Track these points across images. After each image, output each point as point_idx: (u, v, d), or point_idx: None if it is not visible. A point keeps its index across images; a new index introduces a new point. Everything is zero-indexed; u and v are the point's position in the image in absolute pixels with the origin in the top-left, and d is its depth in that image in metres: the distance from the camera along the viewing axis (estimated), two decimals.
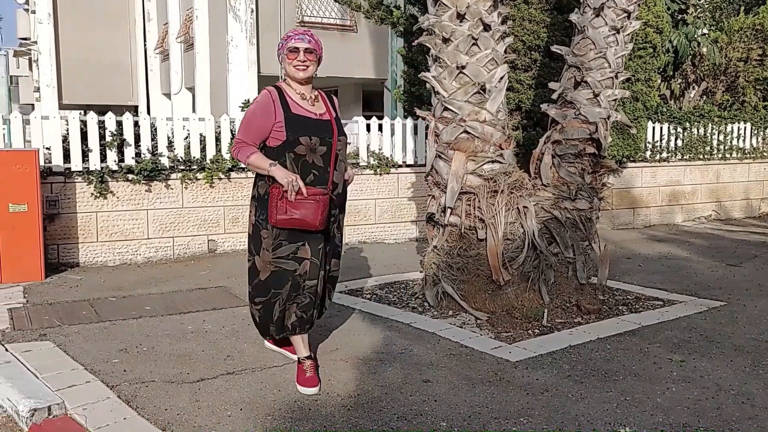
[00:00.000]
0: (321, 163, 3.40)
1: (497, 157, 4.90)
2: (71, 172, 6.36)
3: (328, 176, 3.42)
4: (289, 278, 3.41)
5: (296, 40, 3.41)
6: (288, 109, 3.38)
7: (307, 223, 3.29)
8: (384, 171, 7.88)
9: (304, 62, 3.41)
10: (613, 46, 5.28)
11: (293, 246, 3.38)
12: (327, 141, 3.41)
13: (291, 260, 3.39)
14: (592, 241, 5.32)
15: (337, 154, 3.45)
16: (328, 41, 14.89)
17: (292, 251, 3.39)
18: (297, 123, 3.37)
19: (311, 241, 3.40)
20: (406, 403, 3.32)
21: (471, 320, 4.69)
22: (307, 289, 3.43)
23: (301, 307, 3.45)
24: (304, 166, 3.36)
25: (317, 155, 3.39)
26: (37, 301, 5.16)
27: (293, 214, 3.26)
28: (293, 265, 3.40)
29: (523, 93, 7.89)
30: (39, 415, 3.17)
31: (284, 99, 3.41)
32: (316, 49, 3.44)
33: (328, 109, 3.52)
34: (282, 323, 3.50)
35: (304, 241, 3.38)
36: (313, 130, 3.39)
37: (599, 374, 3.73)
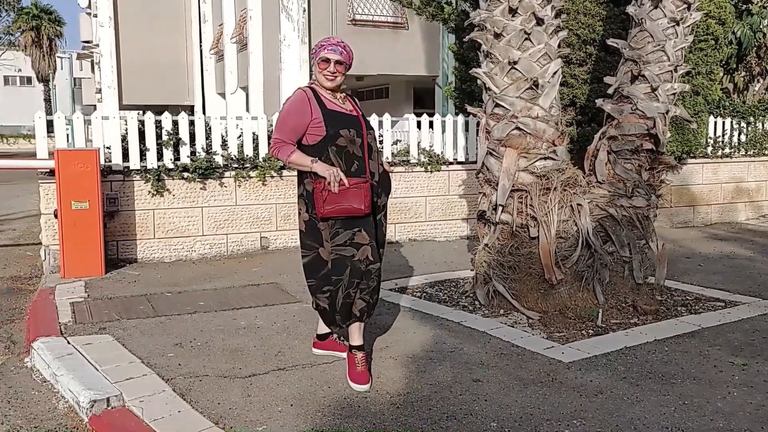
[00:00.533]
0: (360, 154, 3.55)
1: (550, 153, 4.81)
2: (130, 171, 6.54)
3: (365, 165, 3.57)
4: (347, 264, 3.49)
5: (329, 50, 3.55)
6: (324, 106, 3.55)
7: (354, 209, 3.43)
8: (435, 168, 7.84)
9: (333, 73, 3.56)
10: (672, 39, 5.11)
11: (349, 232, 3.49)
12: (360, 134, 3.58)
13: (349, 246, 3.50)
14: (649, 240, 5.17)
15: (370, 145, 3.61)
16: (379, 39, 14.98)
17: (349, 237, 3.49)
18: (334, 118, 3.53)
19: (365, 227, 3.53)
20: (455, 403, 3.29)
21: (522, 320, 4.62)
22: (374, 273, 3.53)
23: (367, 292, 3.53)
24: (347, 157, 3.51)
25: (356, 146, 3.54)
26: (97, 296, 5.32)
27: (340, 203, 3.41)
28: (351, 251, 3.50)
29: (578, 88, 7.73)
30: (98, 407, 3.27)
31: (318, 97, 3.57)
32: (346, 61, 3.59)
33: (355, 108, 3.69)
34: (349, 310, 3.55)
35: (360, 227, 3.50)
36: (349, 123, 3.56)
37: (656, 377, 3.62)
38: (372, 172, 3.61)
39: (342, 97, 3.68)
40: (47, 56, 41.39)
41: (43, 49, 41.20)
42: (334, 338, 3.97)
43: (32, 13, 41.20)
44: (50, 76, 42.61)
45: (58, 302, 5.10)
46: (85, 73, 37.70)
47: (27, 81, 50.43)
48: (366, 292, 3.52)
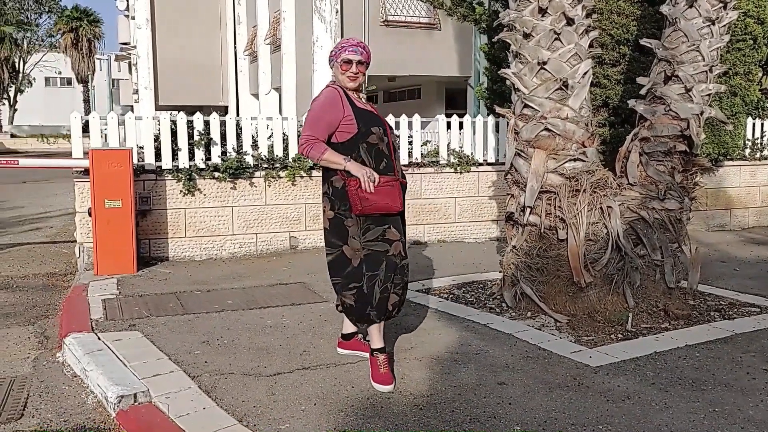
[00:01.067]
0: (387, 152, 3.61)
1: (579, 155, 4.75)
2: (162, 170, 6.64)
3: (393, 163, 3.62)
4: (382, 259, 3.52)
5: (350, 52, 3.59)
6: (354, 104, 3.59)
7: (390, 206, 3.50)
8: (464, 169, 7.80)
9: (356, 74, 3.60)
10: (707, 38, 5.01)
11: (380, 229, 3.53)
12: (386, 133, 3.64)
13: (381, 242, 3.53)
14: (682, 243, 5.06)
15: (394, 145, 3.67)
16: (412, 40, 14.98)
17: (380, 233, 3.53)
18: (364, 116, 3.59)
19: (394, 224, 3.58)
20: (479, 405, 3.27)
21: (550, 323, 4.57)
22: (406, 268, 3.61)
23: (400, 287, 3.59)
24: (377, 155, 3.56)
25: (384, 144, 3.59)
26: (128, 293, 5.42)
27: (376, 201, 3.45)
28: (384, 246, 3.53)
29: (611, 89, 7.61)
30: (126, 402, 3.33)
31: (348, 97, 3.62)
32: (366, 60, 3.64)
33: (374, 108, 3.76)
34: (384, 306, 3.56)
35: (389, 224, 3.55)
36: (377, 122, 3.62)
37: (686, 383, 3.55)
38: (397, 170, 3.66)
39: (364, 97, 3.74)
40: (86, 58, 42.32)
41: (83, 51, 42.14)
42: (359, 338, 3.97)
43: (72, 16, 42.17)
44: (89, 78, 43.63)
45: (91, 299, 5.20)
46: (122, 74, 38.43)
47: (67, 82, 51.65)
48: (399, 287, 3.58)
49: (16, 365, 4.07)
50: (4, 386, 3.72)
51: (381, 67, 14.49)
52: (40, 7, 43.23)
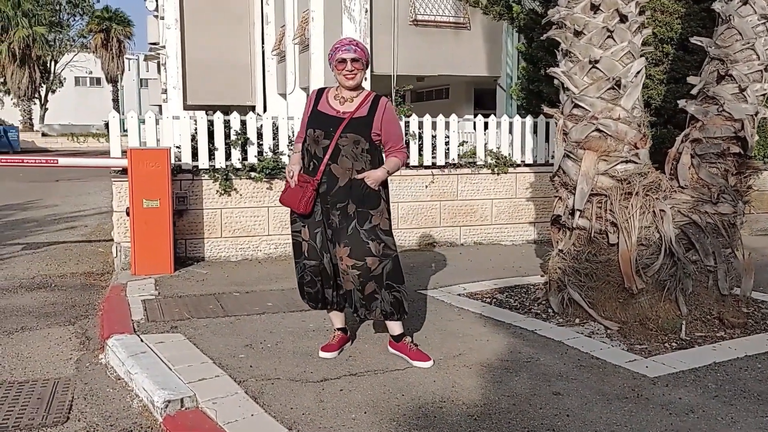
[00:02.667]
0: (320, 155, 3.67)
1: (632, 156, 4.60)
2: (198, 170, 6.61)
3: (320, 167, 3.67)
4: (302, 251, 3.80)
5: (343, 51, 3.66)
6: (316, 106, 3.76)
7: (293, 205, 3.71)
8: (501, 170, 7.66)
9: (351, 71, 3.66)
10: (762, 36, 4.84)
11: (298, 225, 3.79)
12: (330, 134, 3.65)
13: (298, 236, 3.81)
14: (735, 249, 4.89)
15: (339, 149, 3.64)
16: (441, 39, 14.84)
17: (297, 230, 3.80)
18: (314, 117, 3.73)
19: (309, 225, 3.76)
20: (536, 417, 3.15)
21: (600, 330, 4.43)
22: (308, 267, 3.80)
23: (305, 283, 3.86)
24: (308, 156, 3.74)
25: (319, 147, 3.68)
26: (167, 294, 5.37)
27: (285, 196, 3.76)
28: (299, 239, 3.80)
29: (653, 88, 7.44)
30: (172, 407, 3.26)
31: (319, 98, 3.78)
32: (362, 57, 3.67)
33: (357, 109, 3.69)
34: (302, 290, 3.90)
35: (305, 224, 3.77)
36: (322, 124, 3.68)
37: (751, 396, 3.39)
38: (334, 175, 3.66)
39: (350, 98, 3.72)
40: (116, 58, 42.78)
41: (112, 51, 42.60)
42: (407, 342, 3.90)
43: (102, 16, 42.67)
44: (118, 77, 44.09)
45: (130, 299, 5.17)
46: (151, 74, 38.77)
47: (96, 82, 52.28)
48: (307, 283, 3.84)
49: (59, 366, 4.04)
50: (48, 388, 3.69)
51: (410, 67, 14.37)
52: (73, 9, 43.80)
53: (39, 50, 38.73)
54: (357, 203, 3.69)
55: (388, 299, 3.75)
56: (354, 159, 3.67)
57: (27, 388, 3.67)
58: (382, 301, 3.75)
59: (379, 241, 3.70)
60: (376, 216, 3.72)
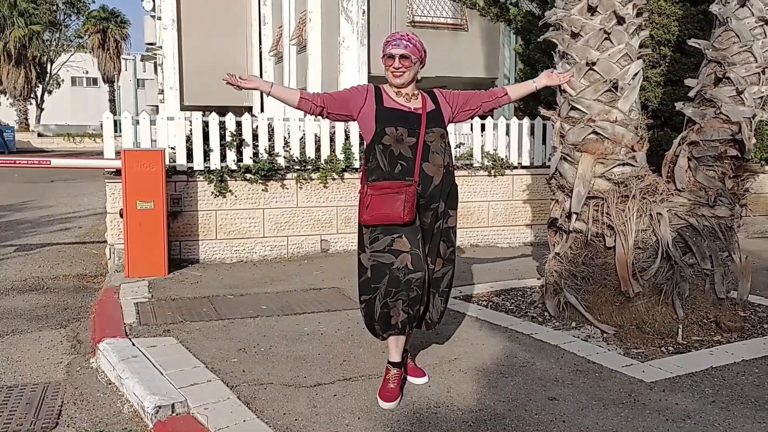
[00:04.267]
0: (409, 154, 3.31)
1: (629, 159, 4.57)
2: (193, 171, 6.56)
3: (414, 167, 3.31)
4: (386, 272, 3.25)
5: (392, 46, 3.37)
6: (381, 102, 3.39)
7: (394, 216, 3.22)
8: (498, 172, 7.63)
9: (399, 69, 3.36)
10: (760, 39, 4.80)
11: (388, 238, 3.27)
12: (415, 132, 3.33)
13: (387, 253, 3.27)
14: (732, 252, 4.86)
15: (428, 146, 3.34)
16: (439, 41, 14.81)
17: (388, 244, 3.27)
18: (386, 114, 3.36)
19: (408, 233, 3.28)
20: (531, 423, 3.11)
21: (596, 333, 4.39)
22: (414, 282, 3.25)
23: (407, 302, 3.26)
24: (391, 157, 3.31)
25: (405, 146, 3.32)
26: (160, 297, 5.33)
27: (381, 209, 3.23)
28: (389, 258, 3.26)
29: (650, 91, 7.41)
30: (163, 413, 3.22)
31: (380, 94, 3.42)
32: (412, 53, 3.36)
33: (424, 105, 3.43)
34: (387, 321, 3.29)
35: (401, 233, 3.27)
36: (401, 121, 3.35)
37: (748, 401, 3.36)
38: (428, 175, 3.34)
39: (410, 94, 3.43)
40: (113, 58, 42.70)
41: (109, 51, 42.52)
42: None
43: (99, 16, 42.58)
44: (115, 77, 44.02)
45: (123, 302, 5.12)
46: (148, 74, 38.71)
47: (93, 82, 52.15)
48: (406, 303, 3.26)
49: (50, 370, 3.99)
50: (37, 392, 3.64)
51: None
52: (70, 8, 43.70)
53: (35, 50, 38.64)
54: (445, 201, 3.43)
55: (439, 307, 3.50)
56: (443, 154, 3.40)
57: (16, 393, 3.63)
58: (433, 309, 3.48)
59: (449, 244, 3.49)
60: (453, 217, 3.49)
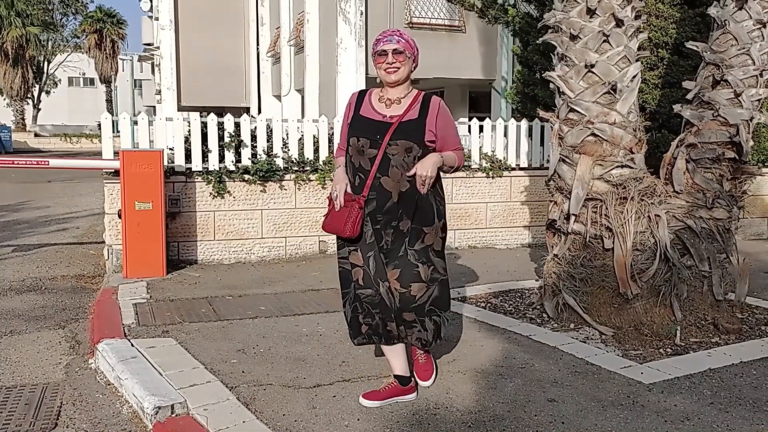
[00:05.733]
0: (368, 167, 3.16)
1: (627, 161, 4.58)
2: (192, 172, 6.56)
3: (367, 181, 3.16)
4: (351, 279, 3.27)
5: (384, 42, 3.20)
6: (358, 110, 3.27)
7: (339, 230, 3.19)
8: (496, 174, 7.64)
9: (392, 64, 3.18)
10: (757, 42, 4.82)
11: (347, 250, 3.28)
12: (377, 142, 3.14)
13: (348, 263, 3.28)
14: (730, 254, 4.87)
15: (389, 158, 3.13)
16: (437, 42, 14.84)
17: (346, 255, 3.28)
18: (356, 124, 3.25)
19: (361, 248, 3.23)
20: (531, 424, 3.12)
21: (594, 335, 4.40)
22: (363, 298, 3.23)
23: (364, 315, 3.27)
24: (352, 169, 3.23)
25: (365, 158, 3.17)
26: (159, 297, 5.32)
27: (331, 220, 3.22)
28: (350, 266, 3.27)
29: (648, 93, 7.43)
30: (163, 414, 3.22)
31: (361, 101, 3.30)
32: (406, 49, 3.19)
33: (405, 112, 3.19)
34: (357, 328, 3.31)
35: (355, 247, 3.23)
36: (367, 131, 3.18)
37: (746, 403, 3.37)
38: (386, 190, 3.14)
39: (398, 98, 3.21)
40: (110, 58, 42.63)
41: (106, 52, 42.45)
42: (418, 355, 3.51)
43: (96, 17, 42.52)
44: (112, 78, 43.96)
45: (121, 303, 5.11)
46: (145, 74, 38.67)
47: (90, 82, 52.09)
48: (364, 315, 3.25)
49: (48, 371, 3.99)
50: (36, 393, 3.64)
51: None
52: (67, 9, 43.63)
53: (33, 50, 38.57)
54: (411, 218, 3.21)
55: (430, 327, 3.33)
56: (401, 168, 3.15)
57: (15, 394, 3.62)
58: (422, 330, 3.32)
59: (429, 264, 3.27)
60: (430, 234, 3.25)
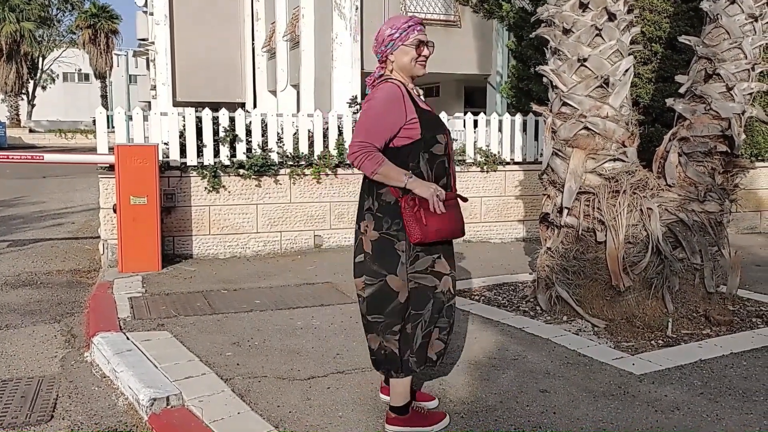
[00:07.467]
0: (447, 165, 2.95)
1: (619, 155, 4.61)
2: (187, 167, 6.57)
3: (451, 179, 2.98)
4: (430, 296, 2.90)
5: (419, 31, 2.88)
6: (417, 105, 2.90)
7: (457, 231, 2.89)
8: (491, 168, 7.67)
9: (427, 58, 2.94)
10: (749, 36, 4.85)
11: (429, 258, 2.88)
12: (448, 143, 2.97)
13: (429, 275, 2.89)
14: (722, 247, 4.91)
15: (450, 155, 2.99)
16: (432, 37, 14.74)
17: (429, 264, 2.89)
18: (429, 120, 2.90)
19: (445, 253, 2.93)
20: (523, 414, 3.15)
21: (587, 327, 4.44)
22: (454, 308, 3.00)
23: (445, 332, 2.99)
24: (438, 169, 2.89)
25: (446, 156, 2.94)
26: (154, 291, 5.34)
27: (441, 226, 2.80)
28: (432, 281, 2.90)
29: (642, 87, 7.47)
30: (158, 405, 3.24)
31: (409, 94, 2.91)
32: None
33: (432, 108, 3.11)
34: (425, 353, 2.96)
35: (440, 254, 2.90)
36: (442, 128, 2.95)
37: (736, 393, 3.41)
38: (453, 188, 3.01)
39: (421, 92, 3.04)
40: (104, 54, 42.50)
41: (101, 47, 42.32)
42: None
43: (91, 12, 42.37)
44: (107, 73, 43.83)
45: (117, 297, 5.13)
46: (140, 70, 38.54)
47: (84, 78, 51.95)
48: (444, 332, 2.98)
49: (44, 364, 4.00)
50: (32, 386, 3.66)
51: None
52: (63, 4, 43.47)
53: (27, 46, 38.43)
54: None
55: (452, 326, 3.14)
56: None
57: (11, 386, 3.64)
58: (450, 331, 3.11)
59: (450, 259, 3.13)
60: None
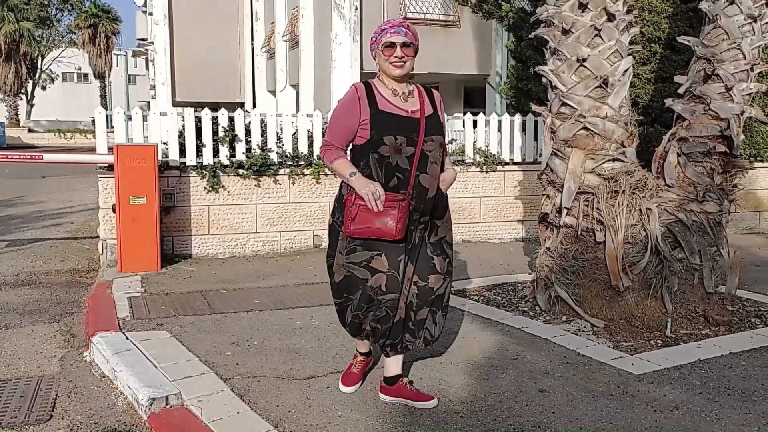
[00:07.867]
0: (406, 166, 3.04)
1: (619, 155, 4.62)
2: (186, 167, 6.57)
3: (409, 179, 3.06)
4: (359, 286, 3.13)
5: (392, 33, 3.04)
6: (375, 106, 3.06)
7: (384, 232, 2.99)
8: (490, 168, 7.67)
9: (401, 58, 3.05)
10: (748, 36, 4.86)
11: (367, 254, 3.08)
12: (414, 141, 3.06)
13: (363, 269, 3.10)
14: (720, 247, 4.91)
15: (426, 156, 3.07)
16: (431, 37, 14.84)
17: (366, 259, 3.09)
18: (383, 120, 3.04)
19: (389, 252, 3.08)
20: (522, 414, 3.16)
21: (586, 327, 4.44)
22: (384, 303, 3.12)
23: (375, 318, 3.15)
24: (387, 169, 3.04)
25: (402, 157, 3.04)
26: (153, 291, 5.34)
27: (370, 223, 2.98)
28: (365, 274, 3.10)
29: (641, 87, 7.47)
30: (157, 405, 3.24)
31: (372, 95, 3.08)
32: (413, 41, 3.08)
33: (422, 106, 3.15)
34: (358, 327, 3.22)
35: (381, 251, 3.07)
36: (401, 129, 3.05)
37: (735, 393, 3.41)
38: (423, 187, 3.07)
39: (407, 93, 3.13)
40: (104, 53, 42.48)
41: (100, 47, 42.30)
42: (404, 382, 3.31)
43: (90, 12, 42.35)
44: (106, 73, 43.80)
45: (116, 297, 5.13)
46: (139, 70, 38.55)
47: (84, 78, 51.93)
48: (376, 320, 3.15)
49: (43, 364, 4.00)
50: (31, 386, 3.66)
51: None
52: (63, 4, 43.44)
53: (27, 46, 38.41)
54: (439, 215, 3.21)
55: (441, 322, 3.28)
56: (439, 164, 3.16)
57: (10, 386, 3.64)
58: (430, 326, 3.24)
59: (445, 257, 3.23)
60: (442, 227, 3.23)
